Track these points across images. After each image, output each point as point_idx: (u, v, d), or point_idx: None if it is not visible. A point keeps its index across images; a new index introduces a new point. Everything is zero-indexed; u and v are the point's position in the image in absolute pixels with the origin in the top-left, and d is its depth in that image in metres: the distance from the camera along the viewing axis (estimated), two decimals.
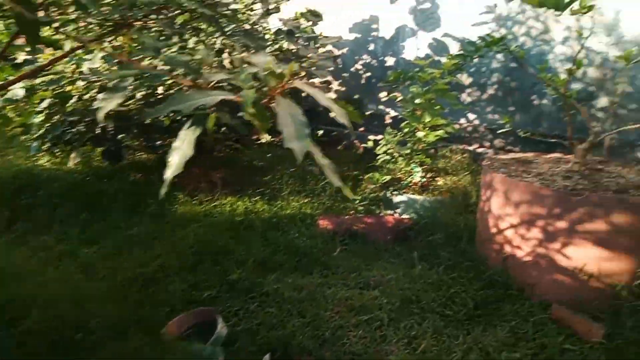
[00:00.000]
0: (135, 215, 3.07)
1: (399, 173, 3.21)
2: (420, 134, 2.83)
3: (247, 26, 3.35)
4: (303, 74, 3.10)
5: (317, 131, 4.58)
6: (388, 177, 3.06)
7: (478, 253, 2.34)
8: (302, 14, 3.04)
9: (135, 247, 2.68)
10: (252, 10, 3.04)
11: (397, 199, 3.12)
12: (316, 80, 3.17)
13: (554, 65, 3.42)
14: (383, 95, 4.24)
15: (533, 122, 3.59)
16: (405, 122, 2.95)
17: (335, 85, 4.52)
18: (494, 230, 2.22)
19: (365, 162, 3.75)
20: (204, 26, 2.98)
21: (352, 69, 4.36)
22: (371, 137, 4.33)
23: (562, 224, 1.95)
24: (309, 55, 3.07)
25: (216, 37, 2.80)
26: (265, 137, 5.03)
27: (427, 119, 2.78)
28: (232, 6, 3.08)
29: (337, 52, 4.33)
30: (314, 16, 3.01)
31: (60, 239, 2.77)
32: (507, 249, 2.14)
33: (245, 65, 0.86)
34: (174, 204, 3.20)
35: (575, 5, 1.87)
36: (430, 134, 2.80)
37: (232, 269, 2.41)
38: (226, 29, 2.88)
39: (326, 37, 3.62)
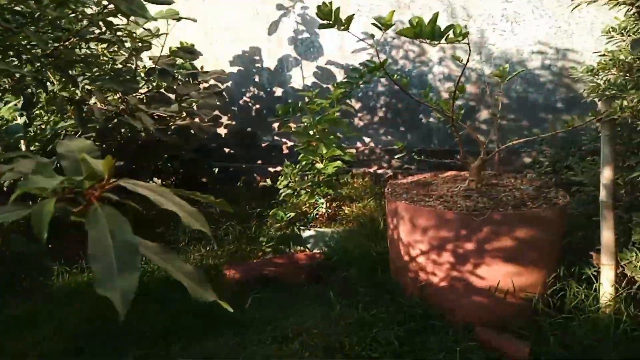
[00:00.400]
0: (3, 296, 2.58)
1: (304, 207, 3.08)
2: (319, 165, 2.74)
3: (119, 66, 3.04)
4: (184, 114, 2.86)
5: (212, 170, 4.32)
6: (292, 214, 2.92)
7: (394, 283, 2.27)
8: (173, 52, 2.81)
9: (7, 335, 2.23)
10: (118, 49, 2.74)
11: (305, 234, 2.98)
12: (200, 119, 2.94)
13: (435, 85, 3.56)
14: (277, 125, 4.12)
15: (424, 140, 3.69)
16: (302, 155, 2.84)
17: (224, 120, 4.32)
18: (406, 258, 2.16)
19: (268, 197, 3.57)
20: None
21: (240, 102, 4.20)
22: (270, 168, 4.18)
23: (470, 245, 1.94)
24: (191, 94, 2.85)
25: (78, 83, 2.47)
26: (156, 180, 4.66)
27: (324, 150, 2.69)
28: (96, 47, 2.77)
29: (221, 86, 4.14)
30: (188, 53, 2.80)
31: None
32: (422, 276, 2.09)
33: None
34: (51, 277, 2.74)
35: (450, 34, 1.89)
36: (329, 165, 2.72)
37: (128, 346, 2.08)
38: (89, 73, 2.57)
39: (206, 72, 3.42)
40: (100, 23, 1.84)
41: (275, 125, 4.14)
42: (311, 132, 2.80)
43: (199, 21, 4.00)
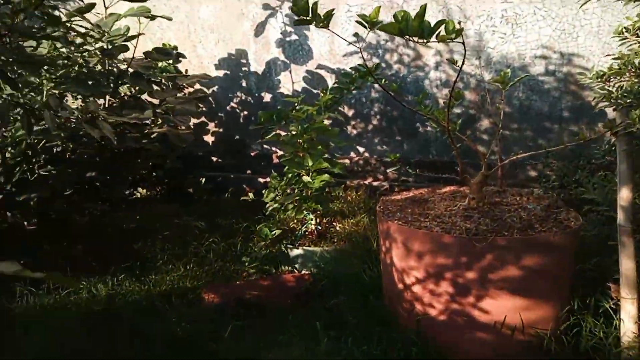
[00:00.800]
0: None
1: (292, 223, 2.86)
2: (306, 178, 2.51)
3: (98, 68, 2.81)
4: (160, 121, 2.64)
5: (198, 180, 4.10)
6: (278, 231, 2.70)
7: (388, 313, 2.05)
8: (146, 54, 2.58)
9: None
10: (85, 50, 2.50)
11: (293, 252, 2.76)
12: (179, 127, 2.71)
13: (431, 91, 3.35)
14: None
15: (421, 150, 3.48)
16: (287, 167, 2.62)
17: (211, 127, 4.10)
18: (400, 286, 1.94)
19: (257, 210, 3.33)
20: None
21: (227, 108, 3.98)
22: (260, 179, 3.97)
23: (472, 274, 1.73)
24: (167, 99, 2.62)
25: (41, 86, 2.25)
26: (141, 191, 4.43)
27: (309, 162, 2.47)
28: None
29: (207, 91, 3.92)
30: (164, 54, 2.58)
31: None
32: (418, 307, 1.87)
33: None
34: (16, 297, 2.50)
35: (442, 31, 1.66)
36: (316, 179, 2.49)
37: None
38: (54, 75, 2.35)
39: (186, 75, 3.19)
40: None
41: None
42: (299, 141, 2.58)
43: (182, 22, 3.80)
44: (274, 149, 3.95)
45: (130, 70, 2.60)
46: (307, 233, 2.80)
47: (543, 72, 3.09)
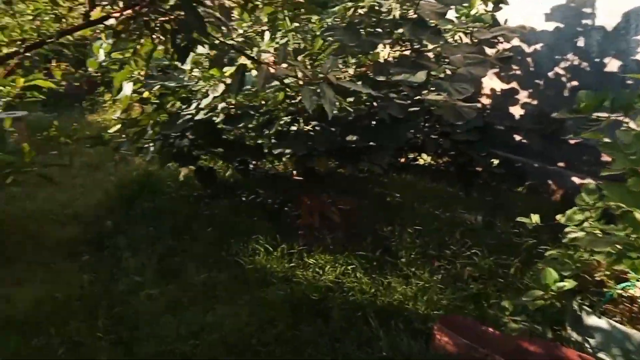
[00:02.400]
0: (214, 255, 2.40)
1: (599, 273, 1.79)
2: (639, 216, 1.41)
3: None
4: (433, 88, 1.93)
5: (491, 159, 3.28)
6: (572, 284, 1.70)
7: None
8: None
9: (188, 305, 2.06)
10: None
11: (590, 319, 1.74)
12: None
13: None
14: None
15: None
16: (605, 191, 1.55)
17: (523, 96, 3.14)
18: None
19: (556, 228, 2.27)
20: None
21: (549, 74, 2.92)
22: (575, 178, 2.86)
23: None
24: (451, 58, 1.89)
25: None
26: (424, 158, 3.89)
27: None
28: None
29: (527, 50, 2.94)
30: None
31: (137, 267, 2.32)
32: None
33: None
34: (254, 254, 2.39)
35: None
36: None
37: None
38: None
39: (495, 27, 2.30)
40: None
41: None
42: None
43: None
44: (605, 140, 2.71)
45: (413, 15, 1.96)
46: (622, 299, 1.69)
47: None
